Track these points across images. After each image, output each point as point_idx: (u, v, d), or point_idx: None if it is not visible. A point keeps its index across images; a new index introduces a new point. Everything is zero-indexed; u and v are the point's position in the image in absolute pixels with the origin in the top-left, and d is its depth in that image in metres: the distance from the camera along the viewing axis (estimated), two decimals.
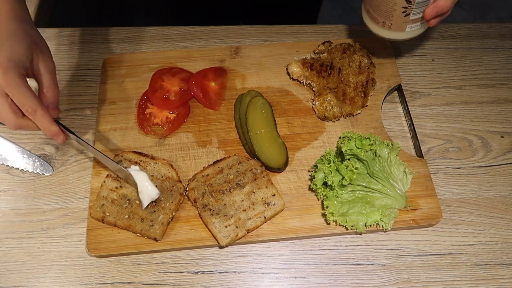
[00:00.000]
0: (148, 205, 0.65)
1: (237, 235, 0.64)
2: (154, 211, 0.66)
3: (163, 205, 0.66)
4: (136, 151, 0.71)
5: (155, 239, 0.64)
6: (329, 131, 0.77)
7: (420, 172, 0.72)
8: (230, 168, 0.70)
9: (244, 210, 0.66)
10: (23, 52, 0.59)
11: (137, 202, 0.66)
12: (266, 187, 0.68)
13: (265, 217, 0.66)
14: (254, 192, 0.67)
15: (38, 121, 0.59)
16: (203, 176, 0.70)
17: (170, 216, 0.66)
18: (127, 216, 0.65)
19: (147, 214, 0.65)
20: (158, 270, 0.65)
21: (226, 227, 0.65)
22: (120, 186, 0.67)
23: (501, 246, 0.69)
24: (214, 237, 0.65)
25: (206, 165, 0.71)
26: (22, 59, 0.58)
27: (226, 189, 0.68)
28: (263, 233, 0.67)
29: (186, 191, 0.69)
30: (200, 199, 0.67)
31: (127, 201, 0.66)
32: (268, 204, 0.67)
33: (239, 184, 0.68)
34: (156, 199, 0.65)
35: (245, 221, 0.65)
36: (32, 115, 0.58)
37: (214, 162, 0.71)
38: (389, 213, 0.66)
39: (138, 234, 0.65)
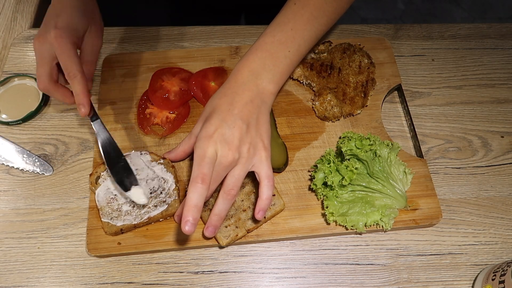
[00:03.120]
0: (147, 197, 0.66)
1: (237, 235, 0.64)
2: (161, 192, 0.66)
3: (164, 186, 0.67)
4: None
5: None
6: (329, 131, 0.77)
7: (420, 172, 0.72)
8: None
9: (244, 210, 0.66)
10: (81, 24, 0.65)
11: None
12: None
13: (265, 217, 0.66)
14: (254, 192, 0.67)
15: (75, 85, 0.62)
16: None
17: (176, 188, 0.67)
18: (142, 212, 0.65)
19: (157, 200, 0.66)
20: (158, 270, 0.65)
21: (226, 227, 0.65)
22: (115, 195, 0.66)
23: (501, 246, 0.69)
24: (214, 237, 0.65)
25: None
26: (78, 29, 0.64)
27: None
28: (263, 233, 0.67)
29: (186, 190, 0.69)
30: None
31: (132, 203, 0.66)
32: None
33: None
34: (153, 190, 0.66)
35: (245, 221, 0.65)
36: (72, 78, 0.62)
37: None
38: (389, 213, 0.66)
39: (161, 219, 0.66)
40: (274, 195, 0.67)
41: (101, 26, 0.70)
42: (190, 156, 0.71)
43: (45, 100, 0.79)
